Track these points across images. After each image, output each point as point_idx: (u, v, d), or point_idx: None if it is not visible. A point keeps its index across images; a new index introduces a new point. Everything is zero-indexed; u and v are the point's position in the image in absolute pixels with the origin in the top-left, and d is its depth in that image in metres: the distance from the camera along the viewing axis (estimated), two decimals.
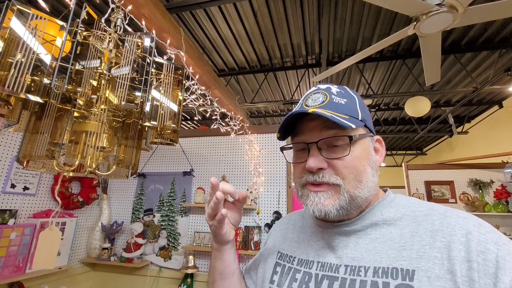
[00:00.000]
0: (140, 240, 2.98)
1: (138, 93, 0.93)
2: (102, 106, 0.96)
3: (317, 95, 0.57)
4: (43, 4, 0.89)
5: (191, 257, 2.71)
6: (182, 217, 3.07)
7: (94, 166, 0.94)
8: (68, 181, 2.86)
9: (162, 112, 1.12)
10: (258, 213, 2.80)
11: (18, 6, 0.83)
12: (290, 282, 0.56)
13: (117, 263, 2.90)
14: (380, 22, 3.34)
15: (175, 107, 1.11)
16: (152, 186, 3.33)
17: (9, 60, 0.83)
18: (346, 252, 0.53)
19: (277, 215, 2.69)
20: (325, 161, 0.53)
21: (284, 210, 2.74)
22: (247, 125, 3.04)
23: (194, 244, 2.82)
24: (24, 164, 0.87)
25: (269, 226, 2.68)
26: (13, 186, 2.46)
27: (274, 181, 2.87)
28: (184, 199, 3.11)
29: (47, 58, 0.87)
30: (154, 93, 1.07)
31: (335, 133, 0.52)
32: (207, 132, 3.28)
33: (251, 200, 2.76)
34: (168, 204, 3.17)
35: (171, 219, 3.09)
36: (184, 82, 1.16)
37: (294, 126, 0.58)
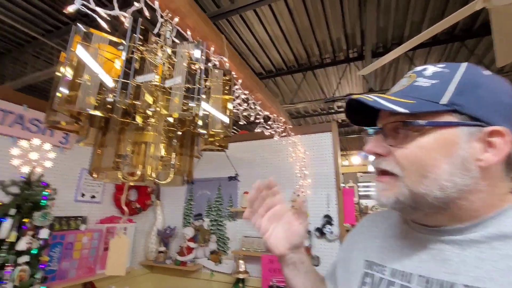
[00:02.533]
0: (191, 244, 3.09)
1: (191, 103, 0.94)
2: (160, 112, 0.98)
3: (404, 79, 0.51)
4: (103, 24, 0.95)
5: (241, 261, 2.72)
6: (230, 221, 3.11)
7: (154, 175, 0.97)
8: (127, 189, 3.10)
9: (211, 119, 1.11)
10: (306, 217, 2.69)
11: (83, 30, 0.89)
12: None
13: (173, 266, 3.04)
14: (431, 4, 3.01)
15: (225, 113, 1.10)
16: (200, 192, 3.44)
17: (77, 81, 0.90)
18: (464, 268, 0.42)
19: (328, 219, 2.55)
20: (385, 147, 0.48)
21: (335, 214, 2.59)
22: (290, 126, 2.96)
23: (243, 249, 2.82)
24: (94, 176, 0.93)
25: (319, 230, 2.56)
26: (82, 195, 2.74)
27: (322, 183, 2.74)
28: (231, 204, 3.15)
29: (108, 77, 0.92)
30: (204, 100, 1.07)
31: (398, 119, 0.46)
32: (250, 136, 3.29)
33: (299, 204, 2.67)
34: (215, 209, 3.24)
35: (219, 223, 3.15)
36: (232, 86, 1.15)
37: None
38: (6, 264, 1.56)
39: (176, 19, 1.34)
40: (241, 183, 3.19)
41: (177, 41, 1.25)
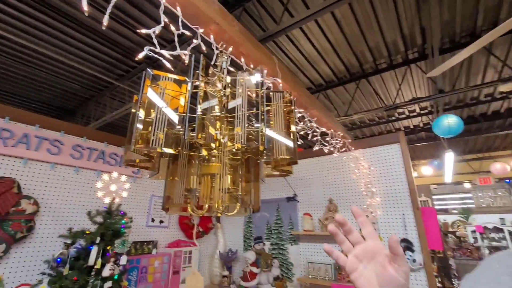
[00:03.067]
0: (254, 269, 3.01)
1: (255, 127, 0.90)
2: (224, 143, 0.97)
3: None
4: (167, 64, 1.01)
5: None
6: (292, 245, 2.95)
7: (222, 208, 0.94)
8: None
9: (274, 144, 1.06)
10: None
11: (151, 73, 0.95)
12: None
13: None
14: None
15: (288, 137, 1.03)
16: (258, 214, 3.39)
17: (148, 119, 0.95)
18: None
19: (407, 244, 2.21)
20: None
21: (415, 238, 2.23)
22: (349, 141, 2.75)
23: (310, 276, 2.62)
24: (167, 211, 0.94)
25: None
26: (152, 220, 2.95)
27: (395, 202, 2.41)
28: (291, 226, 3.01)
29: (174, 114, 0.96)
30: (267, 125, 1.03)
31: None
32: (306, 154, 3.16)
33: None
34: (276, 231, 3.13)
35: (281, 247, 3.02)
36: (293, 108, 1.09)
37: None
38: None
39: (230, 49, 1.38)
40: (300, 204, 3.04)
41: (232, 69, 1.26)
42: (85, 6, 0.88)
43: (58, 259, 1.72)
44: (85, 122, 5.15)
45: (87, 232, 1.86)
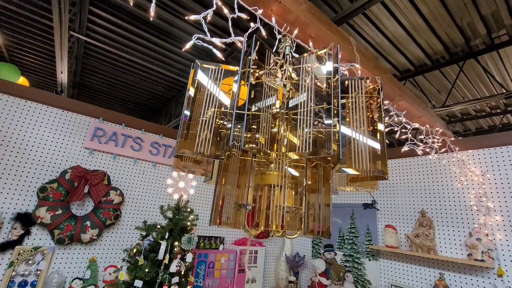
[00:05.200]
0: (324, 281, 2.72)
1: (326, 124, 0.67)
2: (285, 147, 0.76)
3: None
4: (219, 54, 0.86)
5: None
6: (370, 260, 2.53)
7: (280, 232, 0.74)
8: None
9: (354, 148, 0.79)
10: (499, 275, 1.77)
11: (199, 64, 0.82)
12: None
13: None
14: None
15: (375, 138, 0.75)
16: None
17: (197, 120, 0.82)
18: None
19: None
20: None
21: None
22: (451, 139, 2.15)
23: None
24: (218, 225, 0.81)
25: None
26: None
27: None
28: (369, 238, 2.58)
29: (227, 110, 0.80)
30: (343, 126, 0.77)
31: None
32: (391, 154, 2.65)
33: (482, 253, 1.80)
34: (350, 242, 2.75)
35: (355, 260, 2.63)
36: (380, 98, 0.80)
37: None
38: (164, 283, 1.77)
39: (296, 32, 1.15)
40: (380, 213, 2.58)
41: (297, 56, 1.03)
42: (152, 12, 0.81)
43: (148, 241, 1.86)
44: (167, 120, 5.74)
45: (158, 226, 1.95)
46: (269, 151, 0.72)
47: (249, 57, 0.73)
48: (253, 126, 0.78)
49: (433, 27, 2.92)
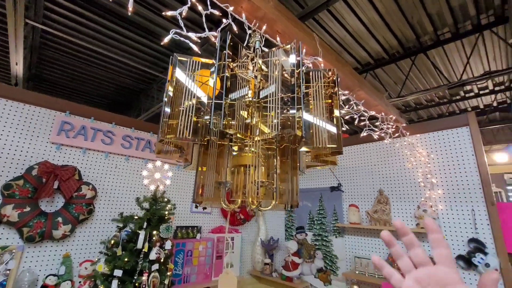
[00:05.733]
0: (296, 259, 2.94)
1: (291, 111, 0.79)
2: (257, 131, 0.87)
3: None
4: (195, 48, 0.94)
5: (355, 287, 2.36)
6: (336, 237, 2.79)
7: (256, 203, 0.86)
8: None
9: (315, 131, 0.93)
10: None
11: (179, 58, 0.89)
12: None
13: (279, 280, 2.97)
14: None
15: (332, 122, 0.89)
16: (300, 203, 3.28)
17: (177, 109, 0.90)
18: None
19: (477, 245, 1.89)
20: None
21: (488, 238, 1.88)
22: (404, 125, 2.43)
23: (357, 272, 2.45)
24: (200, 204, 0.90)
25: (464, 259, 1.92)
26: (196, 206, 3.07)
27: (462, 195, 2.07)
28: (335, 218, 2.84)
29: (204, 99, 0.89)
30: (305, 111, 0.90)
31: None
32: (352, 141, 2.90)
33: None
34: (318, 222, 2.99)
35: (324, 239, 2.88)
36: (337, 87, 0.94)
37: None
38: (144, 271, 1.82)
39: (264, 27, 1.25)
40: (345, 194, 2.84)
41: (266, 50, 1.14)
42: (131, 7, 0.85)
43: (126, 232, 1.88)
44: (137, 114, 5.56)
45: (135, 217, 1.98)
46: (243, 136, 0.83)
47: (224, 51, 0.82)
48: (228, 113, 0.88)
49: (389, 24, 3.20)
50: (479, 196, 1.97)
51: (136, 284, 1.74)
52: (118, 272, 1.73)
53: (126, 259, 1.78)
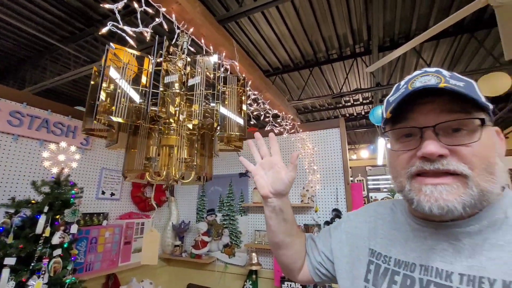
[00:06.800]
0: (206, 238, 3.24)
1: (211, 104, 1.04)
2: (181, 118, 1.09)
3: (427, 77, 0.46)
4: (130, 41, 1.06)
5: (254, 254, 2.84)
6: (242, 216, 3.23)
7: (178, 176, 1.08)
8: (143, 186, 3.26)
9: (228, 122, 1.21)
10: (316, 211, 2.79)
11: (114, 48, 1.00)
12: (389, 285, 0.51)
13: (188, 259, 3.20)
14: None
15: (240, 116, 1.20)
16: (212, 188, 3.57)
17: (109, 92, 1.01)
18: (459, 258, 0.45)
19: (337, 213, 2.65)
20: (445, 147, 0.44)
21: (343, 207, 2.67)
22: (298, 123, 3.04)
23: (256, 242, 2.94)
24: (127, 177, 1.05)
25: (328, 223, 2.65)
26: (103, 192, 2.91)
27: (331, 178, 2.82)
28: (242, 199, 3.27)
29: (136, 88, 1.04)
30: (221, 105, 1.17)
31: (458, 117, 0.44)
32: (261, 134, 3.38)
33: (308, 198, 2.77)
34: (228, 204, 3.36)
35: (231, 218, 3.28)
36: (245, 90, 1.25)
37: (400, 110, 0.48)
38: (43, 257, 1.72)
39: (191, 30, 1.45)
40: (251, 179, 3.30)
41: (192, 49, 1.35)
42: None
43: (1, 228, 1.67)
44: (18, 86, 4.56)
45: (32, 201, 1.81)
46: (172, 120, 1.03)
47: (160, 51, 1.00)
48: (155, 101, 1.06)
49: (294, 38, 3.84)
50: (341, 178, 2.75)
51: (35, 270, 1.64)
52: (10, 260, 1.58)
53: (20, 246, 1.63)
